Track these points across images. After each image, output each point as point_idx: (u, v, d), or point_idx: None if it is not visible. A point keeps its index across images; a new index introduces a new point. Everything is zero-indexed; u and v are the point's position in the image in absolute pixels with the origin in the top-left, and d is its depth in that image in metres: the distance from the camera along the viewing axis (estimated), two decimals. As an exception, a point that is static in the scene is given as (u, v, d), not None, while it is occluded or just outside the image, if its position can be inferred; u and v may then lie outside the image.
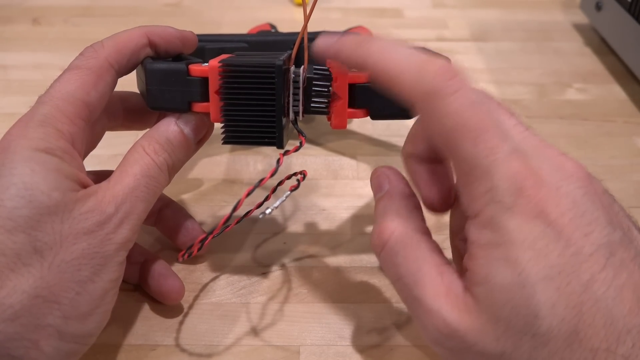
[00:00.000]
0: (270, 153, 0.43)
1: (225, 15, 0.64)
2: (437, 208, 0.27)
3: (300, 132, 0.28)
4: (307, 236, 0.36)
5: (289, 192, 0.28)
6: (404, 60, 0.22)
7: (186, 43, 0.31)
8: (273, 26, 0.48)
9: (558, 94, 0.29)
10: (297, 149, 0.27)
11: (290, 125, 0.29)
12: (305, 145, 0.44)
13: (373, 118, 0.29)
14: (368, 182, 0.40)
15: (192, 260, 0.33)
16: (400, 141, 0.44)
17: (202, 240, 0.28)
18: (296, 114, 0.28)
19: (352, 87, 0.28)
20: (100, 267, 0.24)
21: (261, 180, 0.27)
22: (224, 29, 0.61)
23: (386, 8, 0.66)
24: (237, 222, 0.29)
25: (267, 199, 0.28)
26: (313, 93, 0.28)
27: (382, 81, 0.23)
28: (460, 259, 0.25)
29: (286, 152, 0.28)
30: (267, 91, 0.27)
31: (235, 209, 0.27)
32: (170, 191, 0.38)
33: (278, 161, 0.27)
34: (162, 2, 0.67)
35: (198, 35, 0.33)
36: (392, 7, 0.66)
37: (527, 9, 0.66)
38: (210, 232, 0.28)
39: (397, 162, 0.42)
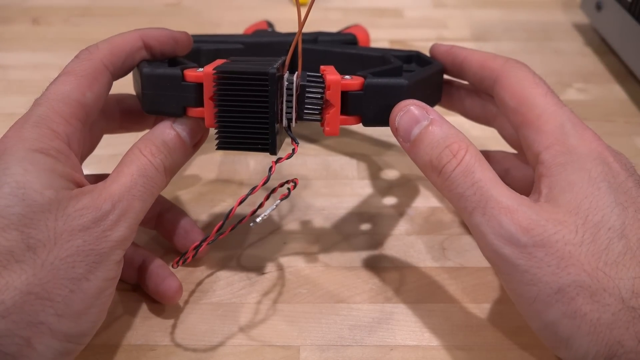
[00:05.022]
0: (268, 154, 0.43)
1: (225, 15, 0.64)
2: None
3: (293, 139, 0.28)
4: (307, 236, 0.36)
5: (279, 201, 0.28)
6: (491, 54, 0.32)
7: (180, 44, 0.31)
8: (270, 24, 0.48)
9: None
10: (289, 156, 0.28)
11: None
12: (305, 145, 0.44)
13: (365, 125, 0.29)
14: (368, 182, 0.41)
15: (190, 261, 0.33)
16: (400, 141, 0.44)
17: (196, 248, 0.28)
18: (289, 120, 0.28)
19: (345, 95, 0.28)
20: (95, 264, 0.24)
21: (253, 188, 0.27)
22: (224, 29, 0.61)
23: (386, 8, 0.66)
24: (232, 229, 0.29)
25: (260, 205, 0.28)
26: (306, 100, 0.28)
27: (476, 65, 0.32)
28: None
29: (278, 160, 0.28)
30: (261, 98, 0.27)
31: (227, 216, 0.27)
32: (169, 190, 0.38)
33: (270, 169, 0.27)
34: (162, 2, 0.67)
35: (194, 36, 0.33)
36: (392, 7, 0.66)
37: (527, 9, 0.66)
38: (204, 239, 0.28)
39: (398, 162, 0.42)
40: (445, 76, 0.35)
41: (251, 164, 0.42)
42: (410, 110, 0.28)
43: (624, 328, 0.22)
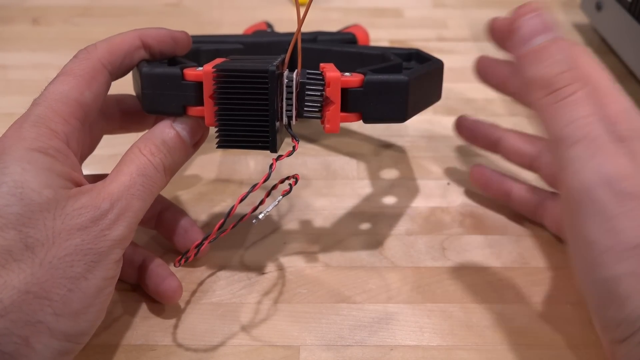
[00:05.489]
0: (268, 152, 0.43)
1: (225, 15, 0.64)
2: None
3: (293, 137, 0.28)
4: (307, 236, 0.36)
5: (280, 197, 0.28)
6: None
7: (179, 43, 0.31)
8: (269, 25, 0.48)
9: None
10: (290, 154, 0.27)
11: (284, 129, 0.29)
12: (305, 145, 0.44)
13: (365, 122, 0.29)
14: (368, 181, 0.41)
15: (192, 260, 0.33)
16: (399, 141, 0.44)
17: (198, 246, 0.28)
18: (289, 118, 0.28)
19: (345, 92, 0.28)
20: (93, 263, 0.24)
21: (254, 185, 0.27)
22: (224, 29, 0.61)
23: (386, 8, 0.66)
24: (233, 226, 0.29)
25: (262, 202, 0.28)
26: (306, 98, 0.28)
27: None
28: None
29: (279, 157, 0.28)
30: (260, 96, 0.27)
31: (229, 214, 0.27)
32: (168, 190, 0.38)
33: (271, 166, 0.27)
34: (162, 2, 0.67)
35: (193, 37, 0.33)
36: (392, 7, 0.66)
37: (527, 9, 0.66)
38: (206, 238, 0.28)
39: (398, 162, 0.42)
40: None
41: (251, 164, 0.42)
42: (541, 15, 0.26)
43: None
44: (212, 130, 0.28)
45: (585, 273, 0.24)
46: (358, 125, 0.46)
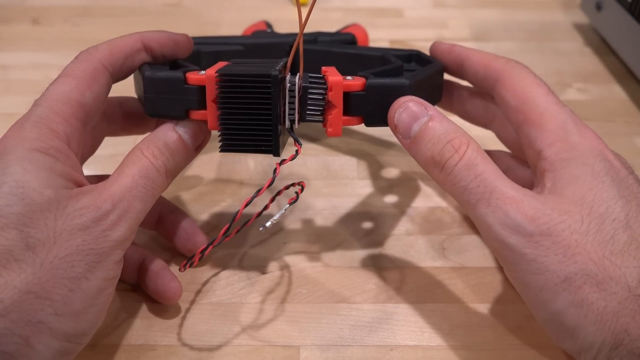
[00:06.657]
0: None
1: (225, 15, 0.64)
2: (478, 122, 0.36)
3: (296, 140, 0.28)
4: (307, 236, 0.36)
5: (287, 205, 0.28)
6: (492, 54, 0.32)
7: (180, 46, 0.31)
8: (269, 25, 0.48)
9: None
10: (293, 158, 0.28)
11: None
12: (306, 144, 0.44)
13: (367, 125, 0.29)
14: (368, 181, 0.41)
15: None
16: (400, 141, 0.45)
17: (203, 251, 0.29)
18: (292, 122, 0.28)
19: (347, 96, 0.28)
20: (94, 264, 0.24)
21: (258, 190, 0.27)
22: (224, 30, 0.61)
23: (386, 8, 0.66)
24: (237, 231, 0.30)
25: (266, 207, 0.28)
26: (308, 101, 0.28)
27: (477, 64, 0.32)
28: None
29: (282, 162, 0.28)
30: (264, 100, 0.27)
31: (234, 219, 0.27)
32: (169, 190, 0.38)
33: (275, 171, 0.27)
34: (161, 2, 0.67)
35: (194, 38, 0.33)
36: (392, 7, 0.66)
37: (527, 9, 0.66)
38: (211, 243, 0.28)
39: (398, 161, 0.42)
40: (445, 76, 0.35)
41: (251, 164, 0.42)
42: (409, 106, 0.28)
43: (630, 316, 0.22)
44: (215, 132, 0.28)
45: (535, 312, 0.25)
46: (359, 125, 0.46)
